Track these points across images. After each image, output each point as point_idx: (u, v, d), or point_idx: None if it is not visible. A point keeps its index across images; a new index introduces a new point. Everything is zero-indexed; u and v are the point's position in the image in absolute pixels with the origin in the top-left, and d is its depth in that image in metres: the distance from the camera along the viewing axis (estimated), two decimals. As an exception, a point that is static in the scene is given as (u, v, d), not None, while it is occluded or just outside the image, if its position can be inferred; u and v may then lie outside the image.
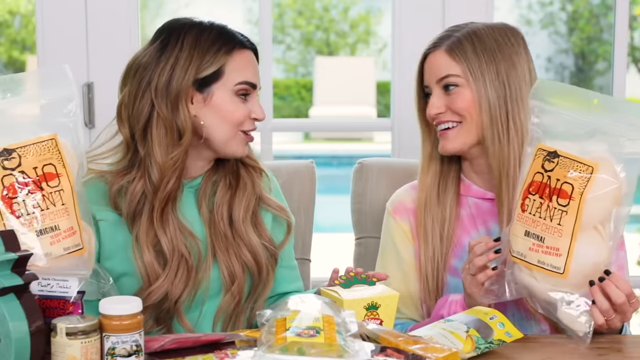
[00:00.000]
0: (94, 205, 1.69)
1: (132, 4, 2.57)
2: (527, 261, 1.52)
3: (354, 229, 2.12)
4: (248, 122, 1.73)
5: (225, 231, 1.74)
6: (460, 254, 1.78)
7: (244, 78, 1.71)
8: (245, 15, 11.39)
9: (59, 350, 1.31)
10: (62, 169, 1.47)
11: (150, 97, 1.68)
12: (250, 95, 1.74)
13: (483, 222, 1.79)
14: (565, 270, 1.48)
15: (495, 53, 1.74)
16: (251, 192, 1.78)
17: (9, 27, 11.24)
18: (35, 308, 1.32)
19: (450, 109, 1.74)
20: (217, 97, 1.71)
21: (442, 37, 1.79)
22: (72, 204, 1.48)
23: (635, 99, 10.23)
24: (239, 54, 1.73)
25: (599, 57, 11.67)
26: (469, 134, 1.74)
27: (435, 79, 1.76)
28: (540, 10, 12.13)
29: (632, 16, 11.00)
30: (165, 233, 1.69)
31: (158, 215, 1.69)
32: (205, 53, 1.70)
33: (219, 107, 1.71)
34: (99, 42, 2.57)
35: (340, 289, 1.50)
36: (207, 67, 1.70)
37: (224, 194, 1.77)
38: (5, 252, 1.31)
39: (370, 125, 6.23)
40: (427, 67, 1.79)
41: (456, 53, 1.74)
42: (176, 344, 1.42)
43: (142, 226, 1.68)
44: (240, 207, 1.76)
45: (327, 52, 12.32)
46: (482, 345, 1.46)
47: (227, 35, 1.74)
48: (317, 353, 1.23)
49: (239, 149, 1.74)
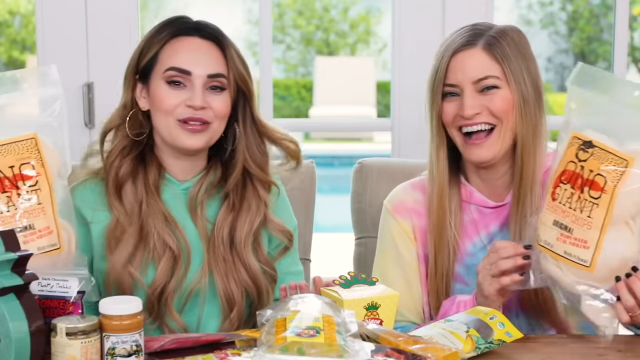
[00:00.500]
0: (86, 208, 1.72)
1: (132, 4, 2.57)
2: (553, 251, 1.50)
3: (354, 229, 2.12)
4: (182, 109, 1.67)
5: (225, 255, 1.72)
6: (462, 259, 1.76)
7: (171, 64, 1.68)
8: (245, 16, 11.39)
9: (59, 350, 1.31)
10: (41, 168, 1.47)
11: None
12: (186, 82, 1.68)
13: (485, 226, 1.77)
14: (592, 264, 1.46)
15: (525, 53, 1.71)
16: (255, 213, 1.75)
17: (9, 27, 11.24)
18: (35, 308, 1.32)
19: (488, 110, 1.67)
20: (152, 86, 1.71)
21: (474, 35, 1.70)
22: (50, 204, 1.48)
23: (635, 99, 10.19)
24: (176, 42, 1.71)
25: (599, 57, 11.67)
26: (504, 139, 1.69)
27: (472, 80, 1.68)
28: (540, 10, 12.13)
29: (632, 16, 11.00)
30: (124, 208, 1.69)
31: (114, 198, 1.70)
32: (145, 44, 1.73)
33: (153, 96, 1.70)
34: (99, 42, 2.58)
35: (340, 289, 1.50)
36: (145, 55, 1.72)
37: (227, 215, 1.74)
38: (5, 252, 1.31)
39: (370, 125, 6.22)
40: (458, 65, 1.69)
41: (496, 52, 1.68)
42: (176, 344, 1.42)
43: (111, 218, 1.70)
44: (243, 230, 1.73)
45: (327, 52, 12.31)
46: (482, 345, 1.46)
47: (169, 25, 1.74)
48: (317, 353, 1.23)
49: (183, 140, 1.68)
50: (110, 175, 1.71)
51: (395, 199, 1.84)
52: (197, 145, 1.69)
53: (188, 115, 1.67)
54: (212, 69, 1.69)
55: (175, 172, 1.75)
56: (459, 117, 1.68)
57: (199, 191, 1.74)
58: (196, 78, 1.68)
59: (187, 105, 1.67)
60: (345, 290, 1.50)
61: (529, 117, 1.68)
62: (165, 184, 1.75)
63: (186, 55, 1.69)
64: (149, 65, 1.71)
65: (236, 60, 1.72)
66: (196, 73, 1.68)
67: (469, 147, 1.70)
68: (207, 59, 1.70)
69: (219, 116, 1.70)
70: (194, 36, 1.72)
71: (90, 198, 1.73)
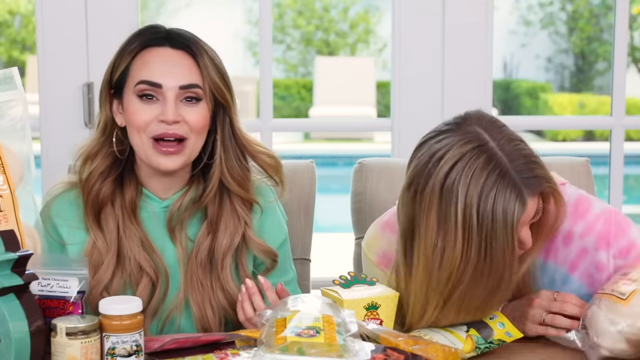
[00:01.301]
0: (63, 226, 1.68)
1: (132, 4, 2.57)
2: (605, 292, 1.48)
3: (353, 229, 2.12)
4: (155, 125, 1.59)
5: (203, 280, 1.66)
6: None
7: (141, 77, 1.61)
8: (245, 16, 11.38)
9: (59, 350, 1.31)
10: (2, 175, 1.44)
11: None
12: (158, 95, 1.60)
13: None
14: (629, 297, 1.43)
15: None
16: (233, 233, 1.67)
17: (9, 27, 11.24)
18: (35, 308, 1.32)
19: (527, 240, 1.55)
20: (125, 101, 1.63)
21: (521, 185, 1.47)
22: (12, 211, 1.44)
23: (635, 98, 10.21)
24: (146, 53, 1.63)
25: (599, 57, 11.67)
26: None
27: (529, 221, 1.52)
28: (540, 11, 12.13)
29: (632, 16, 11.00)
30: (105, 237, 1.64)
31: (93, 222, 1.65)
32: (117, 55, 1.66)
33: (126, 111, 1.63)
34: (99, 42, 2.57)
35: (340, 289, 1.50)
36: (117, 69, 1.65)
37: (205, 236, 1.67)
38: (5, 252, 1.31)
39: (370, 125, 6.23)
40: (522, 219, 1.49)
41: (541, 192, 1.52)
42: (176, 344, 1.42)
43: (88, 242, 1.66)
44: (220, 252, 1.66)
45: (327, 52, 12.31)
46: (482, 345, 1.46)
47: (140, 34, 1.66)
48: (317, 353, 1.23)
49: (158, 161, 1.61)
50: (89, 199, 1.65)
51: (376, 248, 1.75)
52: (174, 166, 1.62)
53: (162, 131, 1.59)
54: (184, 79, 1.61)
55: (155, 189, 1.69)
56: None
57: (178, 210, 1.67)
58: (167, 90, 1.60)
59: (159, 120, 1.59)
60: (345, 290, 1.50)
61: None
62: (144, 200, 1.69)
63: (156, 67, 1.61)
64: (121, 80, 1.64)
65: (210, 69, 1.63)
66: (167, 85, 1.60)
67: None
68: (179, 69, 1.61)
69: (195, 130, 1.62)
70: (165, 46, 1.64)
71: (67, 214, 1.68)
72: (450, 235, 1.45)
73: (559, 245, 1.65)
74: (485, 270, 1.45)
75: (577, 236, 1.63)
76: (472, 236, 1.45)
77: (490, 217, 1.44)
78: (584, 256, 1.63)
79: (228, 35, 9.98)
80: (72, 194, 1.70)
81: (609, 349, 1.43)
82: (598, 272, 1.62)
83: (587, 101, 10.52)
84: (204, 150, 1.68)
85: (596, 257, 1.62)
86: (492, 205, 1.45)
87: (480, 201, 1.45)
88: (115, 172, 1.67)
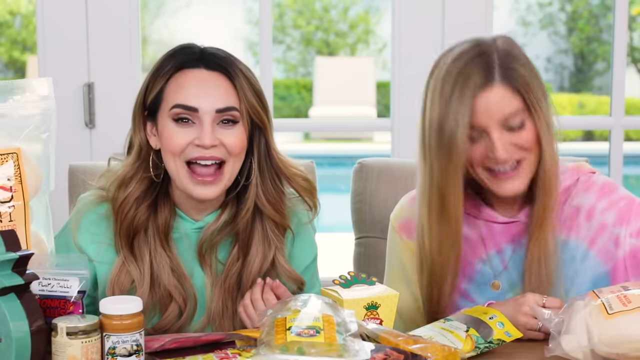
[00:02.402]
0: (92, 243, 1.64)
1: (132, 4, 2.57)
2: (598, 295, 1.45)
3: (354, 229, 2.12)
4: (191, 149, 1.56)
5: (228, 304, 1.63)
6: (470, 276, 1.71)
7: (176, 101, 1.56)
8: (245, 16, 11.38)
9: (59, 350, 1.31)
10: (18, 185, 1.44)
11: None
12: (194, 119, 1.57)
13: (495, 244, 1.70)
14: (613, 316, 1.39)
15: (531, 67, 1.61)
16: (262, 260, 1.63)
17: (10, 27, 11.24)
18: (36, 308, 1.32)
19: (517, 146, 1.58)
20: (160, 124, 1.59)
21: (487, 66, 1.56)
22: (23, 221, 1.44)
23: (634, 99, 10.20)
24: (180, 75, 1.59)
25: (599, 57, 11.67)
26: (532, 167, 1.61)
27: (499, 121, 1.56)
28: (540, 11, 12.13)
29: (631, 16, 11.01)
30: (138, 265, 1.61)
31: (125, 249, 1.61)
32: (150, 77, 1.61)
33: (161, 135, 1.59)
34: (99, 42, 2.58)
35: (340, 289, 1.50)
36: (150, 91, 1.60)
37: (235, 262, 1.64)
38: (6, 252, 1.31)
39: (370, 125, 6.24)
40: (482, 108, 1.55)
41: (515, 83, 1.56)
42: (176, 343, 1.42)
43: (114, 266, 1.62)
44: (249, 278, 1.63)
45: (327, 52, 12.31)
46: (481, 344, 1.46)
47: (173, 56, 1.61)
48: (317, 353, 1.23)
49: (192, 190, 1.57)
50: (123, 226, 1.61)
51: (400, 216, 1.78)
52: (210, 195, 1.58)
53: (198, 155, 1.56)
54: (221, 102, 1.57)
55: (188, 211, 1.66)
56: (488, 158, 1.59)
57: (211, 234, 1.64)
58: (204, 114, 1.56)
59: (196, 144, 1.56)
60: (345, 290, 1.50)
61: (553, 137, 1.62)
62: (177, 221, 1.65)
63: (192, 90, 1.56)
64: (155, 102, 1.60)
65: (247, 90, 1.59)
66: (203, 108, 1.56)
67: (497, 182, 1.61)
68: (215, 91, 1.57)
69: (234, 153, 1.58)
70: (199, 68, 1.59)
71: (97, 230, 1.65)
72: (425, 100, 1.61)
73: (581, 221, 1.68)
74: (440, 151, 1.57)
75: (598, 211, 1.68)
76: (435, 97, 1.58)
77: (453, 79, 1.55)
78: (603, 232, 1.67)
79: (228, 36, 9.98)
80: (104, 208, 1.65)
81: (567, 350, 1.41)
82: (615, 248, 1.65)
83: (586, 101, 10.52)
84: (240, 172, 1.64)
85: (614, 232, 1.66)
86: (459, 68, 1.56)
87: (452, 65, 1.57)
88: (150, 197, 1.62)
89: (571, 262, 1.67)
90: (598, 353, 1.40)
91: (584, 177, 1.72)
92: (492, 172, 1.61)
